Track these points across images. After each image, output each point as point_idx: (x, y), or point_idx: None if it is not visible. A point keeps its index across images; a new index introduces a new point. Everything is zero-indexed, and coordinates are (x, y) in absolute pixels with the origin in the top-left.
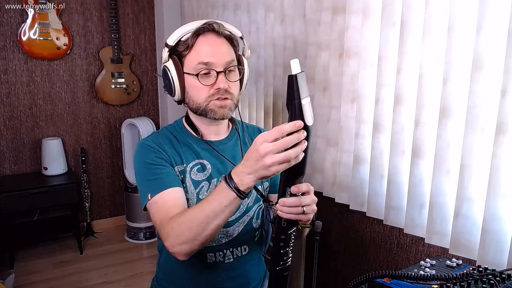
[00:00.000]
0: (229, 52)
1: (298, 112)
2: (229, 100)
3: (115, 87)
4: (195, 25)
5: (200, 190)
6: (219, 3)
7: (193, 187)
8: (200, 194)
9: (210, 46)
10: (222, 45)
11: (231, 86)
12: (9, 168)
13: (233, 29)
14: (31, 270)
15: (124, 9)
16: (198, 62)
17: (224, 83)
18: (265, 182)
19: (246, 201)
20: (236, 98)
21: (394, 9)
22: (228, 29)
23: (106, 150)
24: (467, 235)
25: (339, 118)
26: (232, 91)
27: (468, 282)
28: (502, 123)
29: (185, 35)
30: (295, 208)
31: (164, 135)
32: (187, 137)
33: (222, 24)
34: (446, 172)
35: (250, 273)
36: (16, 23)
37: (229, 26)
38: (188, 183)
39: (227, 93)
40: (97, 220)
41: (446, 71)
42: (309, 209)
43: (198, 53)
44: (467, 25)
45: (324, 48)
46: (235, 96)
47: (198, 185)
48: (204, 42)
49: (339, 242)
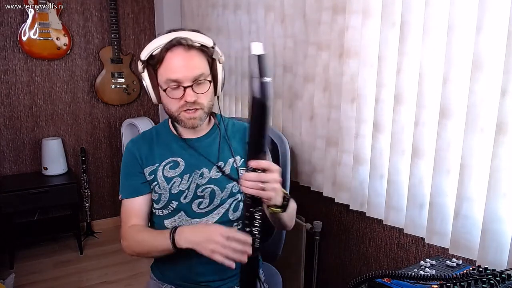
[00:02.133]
0: (199, 64)
1: (260, 89)
2: (199, 111)
3: (115, 87)
4: (165, 40)
5: (172, 185)
6: (219, 3)
7: (165, 183)
8: (172, 189)
9: (178, 61)
10: (190, 59)
11: (200, 97)
12: (9, 168)
13: (203, 40)
14: (31, 270)
15: (124, 9)
16: (167, 78)
17: (191, 96)
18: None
19: (220, 194)
20: (208, 107)
21: (394, 9)
22: (197, 41)
23: (106, 150)
24: (467, 235)
25: (339, 118)
26: (201, 101)
27: (468, 282)
28: (502, 123)
29: (155, 50)
30: (254, 183)
31: (148, 135)
32: (168, 136)
33: (189, 38)
34: (446, 172)
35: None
36: (16, 23)
37: (199, 37)
38: (161, 180)
39: (195, 104)
40: (97, 220)
41: (446, 71)
42: (269, 186)
43: (166, 69)
44: (467, 25)
45: (324, 48)
46: (206, 105)
47: (170, 181)
48: (172, 57)
49: (339, 242)
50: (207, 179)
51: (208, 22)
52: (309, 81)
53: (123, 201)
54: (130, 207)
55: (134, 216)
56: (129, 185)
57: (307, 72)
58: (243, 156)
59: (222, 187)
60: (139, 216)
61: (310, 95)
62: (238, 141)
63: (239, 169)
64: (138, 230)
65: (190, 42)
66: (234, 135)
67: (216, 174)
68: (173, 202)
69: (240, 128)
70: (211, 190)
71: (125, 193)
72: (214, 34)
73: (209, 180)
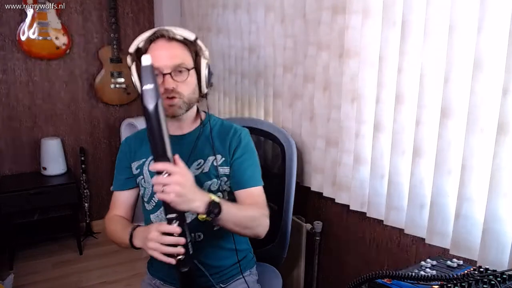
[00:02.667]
0: (179, 54)
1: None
2: (177, 99)
3: (115, 87)
4: (150, 33)
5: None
6: (219, 2)
7: (149, 178)
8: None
9: (159, 51)
10: (172, 49)
11: (179, 85)
12: (8, 168)
13: (184, 34)
14: (31, 270)
15: (124, 8)
16: None
17: (169, 83)
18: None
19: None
20: (188, 97)
21: (395, 8)
22: (178, 33)
23: (105, 150)
24: (468, 235)
25: (339, 118)
26: (179, 90)
27: (468, 283)
28: (503, 123)
29: (141, 42)
30: (156, 186)
31: (142, 132)
32: None
33: (171, 30)
34: (447, 172)
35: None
36: (15, 23)
37: (181, 31)
38: (146, 174)
39: (174, 92)
40: (96, 220)
41: (447, 70)
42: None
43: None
44: (468, 24)
45: (324, 48)
46: (186, 95)
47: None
48: (155, 48)
49: (339, 243)
50: None
51: (208, 22)
52: (309, 81)
53: (113, 193)
54: (115, 198)
55: (117, 207)
56: (117, 179)
57: (307, 72)
58: (224, 155)
59: (200, 184)
60: (121, 208)
61: (310, 95)
62: (222, 139)
63: (219, 167)
64: (115, 221)
65: (171, 35)
66: (220, 134)
67: (195, 171)
68: (155, 197)
69: (227, 128)
70: None
71: (114, 185)
72: (214, 33)
73: None
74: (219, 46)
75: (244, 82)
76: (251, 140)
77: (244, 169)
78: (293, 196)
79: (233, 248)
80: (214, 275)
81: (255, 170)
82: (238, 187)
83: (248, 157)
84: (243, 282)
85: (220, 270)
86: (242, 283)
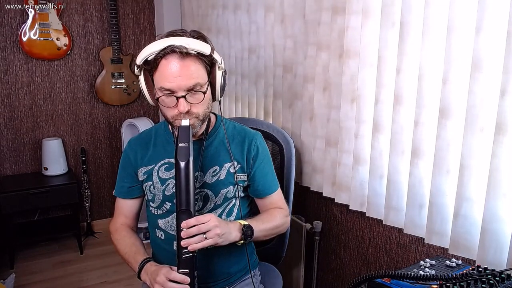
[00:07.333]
0: (194, 73)
1: (176, 152)
2: (193, 119)
3: (115, 87)
4: (160, 46)
5: (166, 187)
6: (219, 3)
7: (160, 184)
8: (166, 190)
9: (172, 70)
10: (185, 68)
11: (194, 107)
12: (10, 168)
13: (199, 48)
14: (32, 270)
15: (124, 9)
16: (160, 86)
17: (184, 107)
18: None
19: (214, 199)
20: (203, 114)
21: (394, 9)
22: (193, 48)
23: (106, 150)
24: (467, 235)
25: (339, 118)
26: (195, 111)
27: (467, 282)
28: (502, 123)
29: (150, 56)
30: (197, 238)
31: (146, 135)
32: (166, 136)
33: (183, 46)
34: (445, 172)
35: (218, 266)
36: (16, 24)
37: (196, 44)
38: (156, 181)
39: (189, 114)
40: (97, 220)
41: (445, 71)
42: (210, 234)
43: (160, 77)
44: (466, 25)
45: (324, 48)
46: (201, 113)
47: (164, 182)
48: (166, 65)
49: (339, 242)
50: (201, 183)
51: (208, 22)
52: (309, 81)
53: (116, 198)
54: (119, 205)
55: (123, 215)
56: (120, 186)
57: (307, 72)
58: (240, 161)
59: (216, 192)
60: (126, 216)
61: (310, 95)
62: (237, 144)
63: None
64: (123, 237)
65: (185, 50)
66: (234, 139)
67: (211, 178)
68: (167, 203)
69: (240, 131)
70: (204, 194)
71: (117, 192)
72: (214, 34)
73: (203, 184)
74: (219, 47)
75: (244, 82)
76: (265, 143)
77: (264, 176)
78: (292, 196)
79: (240, 253)
80: (222, 280)
81: (273, 174)
82: (260, 195)
83: (265, 164)
84: (248, 283)
85: (229, 276)
86: (246, 284)
